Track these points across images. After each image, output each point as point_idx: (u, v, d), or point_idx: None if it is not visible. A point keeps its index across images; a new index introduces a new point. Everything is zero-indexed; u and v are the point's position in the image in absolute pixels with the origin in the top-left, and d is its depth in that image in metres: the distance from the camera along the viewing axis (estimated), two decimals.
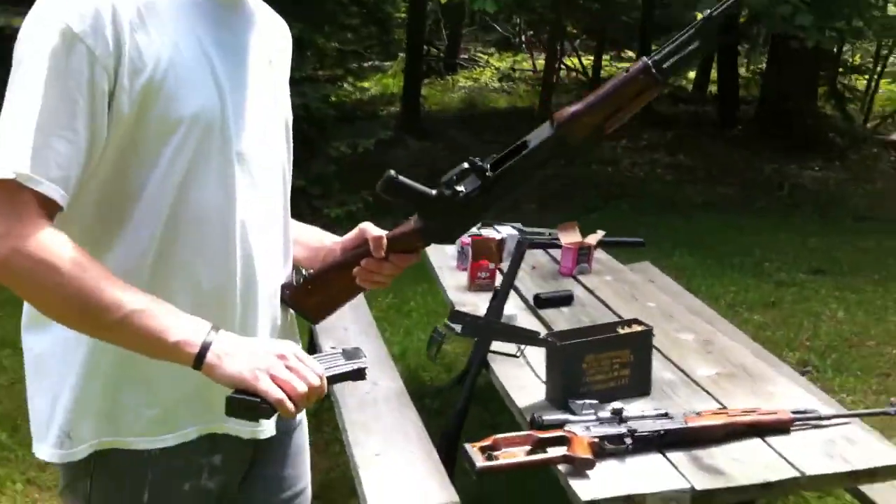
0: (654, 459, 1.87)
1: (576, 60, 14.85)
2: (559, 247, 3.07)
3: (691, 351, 2.47)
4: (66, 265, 1.08)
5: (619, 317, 2.67)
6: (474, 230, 3.01)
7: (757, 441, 1.94)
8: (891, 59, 16.82)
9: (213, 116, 1.18)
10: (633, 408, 2.03)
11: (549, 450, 1.85)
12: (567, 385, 2.07)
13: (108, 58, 1.10)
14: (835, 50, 11.50)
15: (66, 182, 1.11)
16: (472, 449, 1.80)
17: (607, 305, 2.81)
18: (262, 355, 1.13)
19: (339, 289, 1.39)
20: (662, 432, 1.91)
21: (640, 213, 7.35)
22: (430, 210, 1.31)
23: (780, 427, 1.98)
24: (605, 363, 2.11)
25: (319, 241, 1.47)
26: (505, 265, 3.12)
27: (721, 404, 2.12)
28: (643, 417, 1.94)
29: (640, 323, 2.20)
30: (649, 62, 1.23)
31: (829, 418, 2.02)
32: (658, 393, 2.19)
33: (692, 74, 15.38)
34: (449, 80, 14.84)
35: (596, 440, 1.85)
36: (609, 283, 3.03)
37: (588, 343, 2.08)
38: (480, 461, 1.77)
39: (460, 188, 1.29)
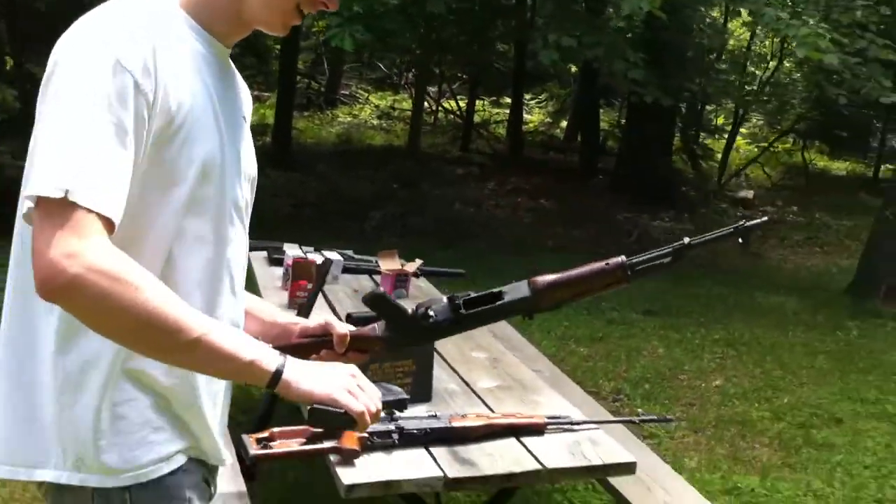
0: (418, 453, 2.10)
1: (453, 103, 15.34)
2: (379, 272, 3.32)
3: (479, 367, 2.75)
4: (142, 284, 1.10)
5: None
6: (300, 252, 3.23)
7: (513, 441, 2.21)
8: (754, 120, 18.05)
9: (214, 163, 1.25)
10: (413, 411, 2.27)
11: (324, 442, 2.07)
12: None
13: (150, 93, 1.16)
14: (675, 107, 12.26)
15: (120, 205, 1.13)
16: (248, 439, 2.00)
17: None
18: (338, 374, 1.25)
19: None
20: (428, 430, 2.15)
21: (495, 252, 7.71)
22: (401, 325, 1.45)
23: (535, 429, 2.26)
24: (388, 371, 2.35)
25: (272, 316, 1.55)
26: (330, 288, 3.36)
27: (491, 410, 2.40)
28: (414, 418, 2.19)
29: None
30: (626, 263, 1.40)
31: (579, 423, 2.32)
32: (439, 399, 2.44)
33: (564, 124, 16.14)
34: (328, 115, 15.07)
35: (365, 435, 2.08)
36: None
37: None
38: (254, 449, 1.98)
39: (432, 314, 1.42)
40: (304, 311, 2.68)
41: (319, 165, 10.55)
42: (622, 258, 1.41)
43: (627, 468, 2.18)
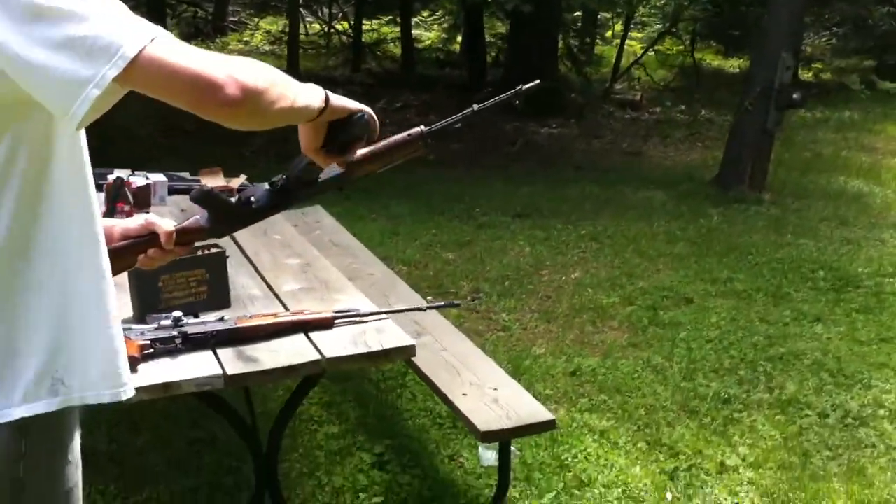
0: (204, 356, 2.19)
1: (346, 24, 15.15)
2: None
3: (288, 272, 2.84)
4: (268, 69, 1.23)
5: (241, 249, 3.02)
6: (119, 176, 3.25)
7: (301, 336, 2.32)
8: (655, 25, 18.20)
9: None
10: (208, 317, 2.36)
11: None
12: (146, 302, 2.38)
13: None
14: (553, 14, 12.28)
15: None
16: None
17: (234, 239, 3.14)
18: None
19: (119, 267, 1.53)
20: (213, 332, 2.25)
21: None
22: (225, 215, 1.53)
23: (324, 324, 2.37)
24: (181, 281, 2.43)
25: None
26: (155, 209, 3.40)
27: (287, 310, 2.50)
28: (200, 323, 2.29)
29: (217, 246, 2.54)
30: (425, 131, 1.55)
31: (368, 315, 2.44)
32: (239, 305, 2.54)
33: (460, 38, 16.07)
34: (218, 43, 14.75)
35: (147, 342, 2.17)
36: None
37: None
38: None
39: (254, 200, 1.51)
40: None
41: None
42: (421, 127, 1.58)
43: (407, 351, 2.32)
